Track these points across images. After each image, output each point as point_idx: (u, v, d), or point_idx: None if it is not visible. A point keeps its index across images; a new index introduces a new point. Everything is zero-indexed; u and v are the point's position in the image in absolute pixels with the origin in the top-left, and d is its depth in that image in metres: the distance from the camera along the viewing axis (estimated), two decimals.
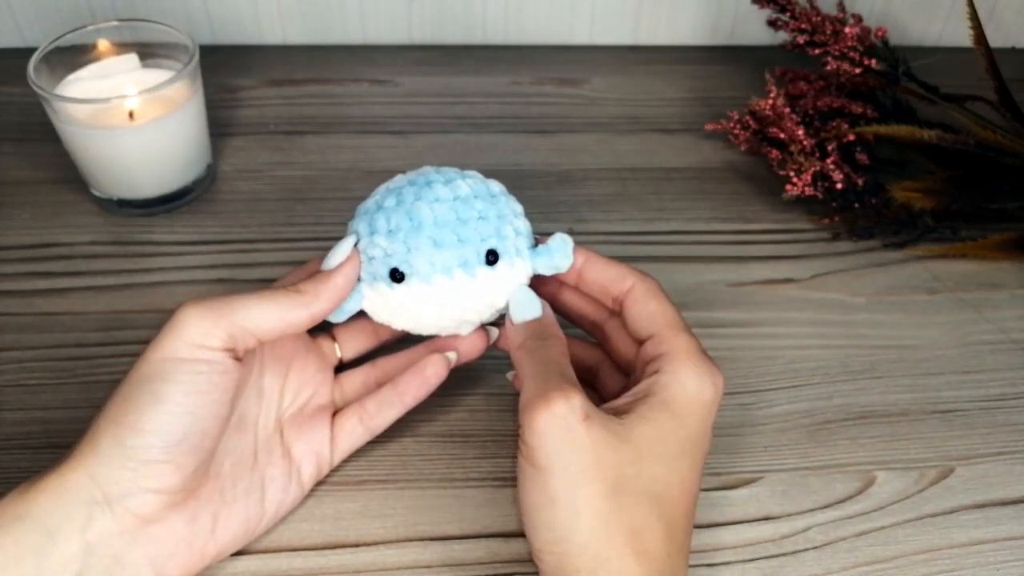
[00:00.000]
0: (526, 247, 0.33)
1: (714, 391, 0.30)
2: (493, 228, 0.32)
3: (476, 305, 0.32)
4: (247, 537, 0.32)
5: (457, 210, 0.32)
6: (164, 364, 0.28)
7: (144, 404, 0.28)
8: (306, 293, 0.31)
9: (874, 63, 0.49)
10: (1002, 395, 0.40)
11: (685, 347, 0.31)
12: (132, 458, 0.27)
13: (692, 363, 0.30)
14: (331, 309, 0.31)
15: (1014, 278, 0.46)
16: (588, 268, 0.34)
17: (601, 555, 0.27)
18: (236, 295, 0.30)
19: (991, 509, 0.35)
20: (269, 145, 0.53)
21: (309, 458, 0.34)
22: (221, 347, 0.29)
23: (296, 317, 0.30)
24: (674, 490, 0.29)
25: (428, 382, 0.35)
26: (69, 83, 0.46)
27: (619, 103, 0.58)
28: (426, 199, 0.32)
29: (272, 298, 0.30)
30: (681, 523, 0.29)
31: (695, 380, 0.30)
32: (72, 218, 0.47)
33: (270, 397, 0.34)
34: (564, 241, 0.34)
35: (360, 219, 0.33)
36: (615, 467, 0.28)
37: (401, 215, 0.32)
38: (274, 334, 0.30)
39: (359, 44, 0.63)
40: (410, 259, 0.31)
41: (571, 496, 0.27)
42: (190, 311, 0.29)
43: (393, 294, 0.32)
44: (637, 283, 0.33)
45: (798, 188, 0.47)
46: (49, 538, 0.27)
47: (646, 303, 0.32)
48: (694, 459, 0.30)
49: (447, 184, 0.32)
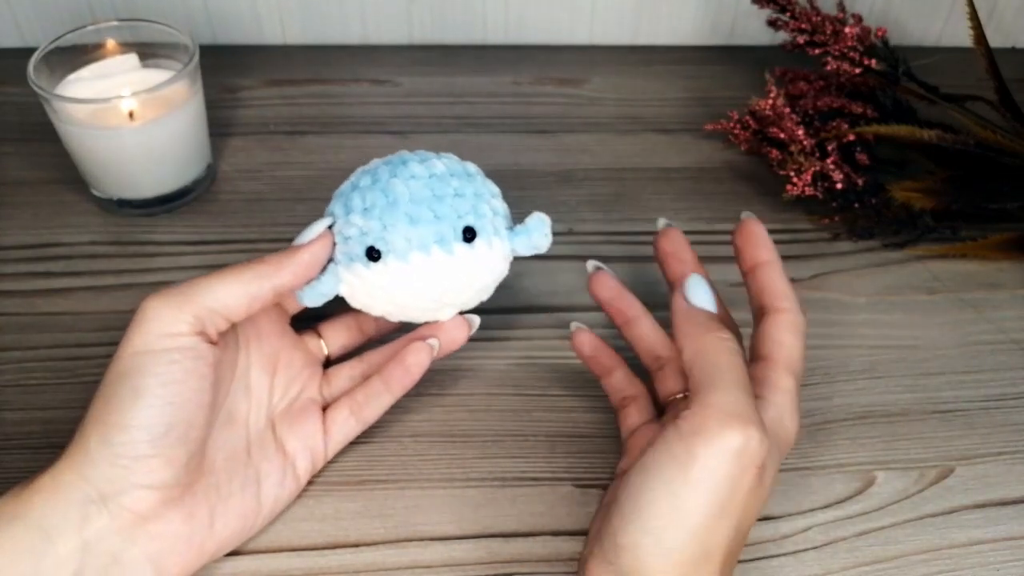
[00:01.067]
0: (504, 227, 0.33)
1: (779, 453, 0.29)
2: (470, 205, 0.32)
3: (454, 285, 0.32)
4: (245, 533, 0.32)
5: (432, 187, 0.32)
6: (137, 358, 0.28)
7: (124, 401, 0.28)
8: (268, 263, 0.30)
9: (874, 63, 0.49)
10: (1002, 395, 0.40)
11: (790, 388, 0.30)
12: (122, 455, 0.27)
13: (791, 406, 0.30)
14: (295, 284, 0.31)
15: (1014, 278, 0.46)
16: (766, 272, 0.32)
17: (687, 571, 0.27)
18: (199, 277, 0.30)
19: (991, 509, 0.35)
20: (269, 145, 0.53)
21: (303, 452, 0.34)
22: (190, 332, 0.29)
23: (259, 289, 0.30)
24: (744, 522, 0.28)
25: (410, 371, 0.34)
26: (69, 83, 0.46)
27: (619, 103, 0.58)
28: (401, 176, 0.32)
29: (234, 274, 0.30)
30: (737, 550, 0.29)
31: (792, 425, 0.30)
32: (72, 218, 0.47)
33: (259, 393, 0.34)
34: (542, 220, 0.33)
35: (336, 201, 0.33)
36: (746, 517, 0.28)
37: (376, 193, 0.31)
38: (240, 310, 0.30)
39: (359, 44, 0.63)
40: (386, 236, 0.31)
41: (704, 519, 0.26)
42: (154, 301, 0.29)
43: (370, 274, 0.31)
44: (791, 314, 0.31)
45: (798, 188, 0.47)
46: (46, 538, 0.27)
47: (782, 333, 0.31)
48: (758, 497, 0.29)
49: (422, 163, 0.32)
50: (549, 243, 0.34)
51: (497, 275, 0.34)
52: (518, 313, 0.43)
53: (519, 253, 0.34)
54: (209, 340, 0.30)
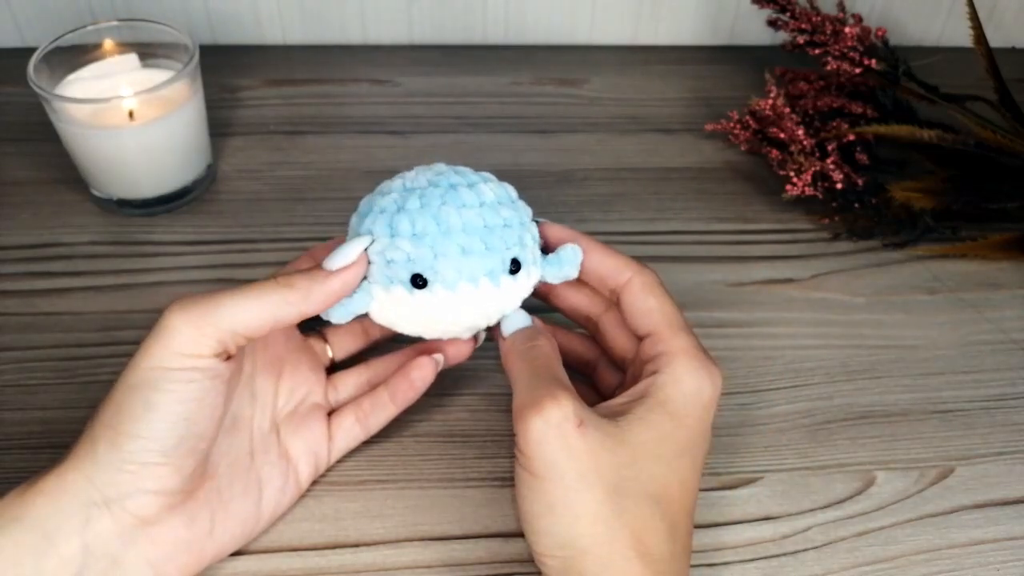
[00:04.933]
0: (539, 254, 0.33)
1: (712, 391, 0.30)
2: (517, 236, 0.32)
3: (489, 312, 0.32)
4: (245, 538, 0.32)
5: (485, 217, 0.31)
6: (154, 373, 0.28)
7: (137, 412, 0.27)
8: (297, 290, 0.29)
9: (874, 63, 0.49)
10: (1002, 395, 0.40)
11: (683, 346, 0.31)
12: (130, 461, 0.27)
13: (690, 364, 0.30)
14: (321, 311, 0.30)
15: (1014, 278, 0.46)
16: (587, 257, 0.33)
17: (605, 559, 0.27)
18: (223, 292, 0.28)
19: (991, 509, 0.35)
20: (269, 145, 0.53)
21: (306, 457, 0.34)
22: (210, 353, 0.28)
23: (285, 314, 0.29)
24: (674, 490, 0.29)
25: (415, 385, 0.35)
26: (69, 83, 0.46)
27: (619, 103, 0.58)
28: (453, 204, 0.31)
29: (260, 295, 0.29)
30: (683, 523, 0.29)
31: (693, 381, 0.30)
32: (72, 218, 0.47)
33: (264, 398, 0.34)
34: (575, 252, 0.33)
35: (376, 218, 0.31)
36: (613, 470, 0.28)
37: (428, 219, 0.30)
38: (263, 332, 0.29)
39: (359, 44, 0.63)
40: (436, 265, 0.30)
41: (570, 502, 0.27)
42: (177, 317, 0.28)
43: (411, 299, 0.31)
44: (635, 276, 0.32)
45: (798, 188, 0.47)
46: (48, 539, 0.27)
47: (644, 298, 0.32)
48: (694, 459, 0.30)
49: (471, 188, 0.32)
50: (577, 274, 0.34)
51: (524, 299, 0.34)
52: None
53: (547, 280, 0.34)
54: (227, 357, 0.29)
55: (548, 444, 0.27)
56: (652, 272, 0.33)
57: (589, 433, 0.28)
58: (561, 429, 0.27)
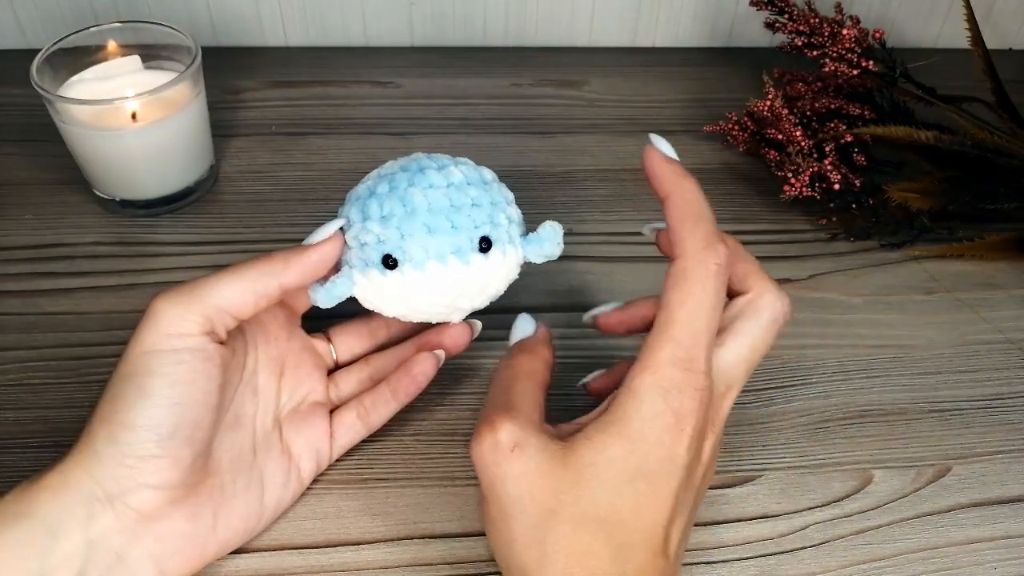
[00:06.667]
0: (518, 235, 0.34)
1: (674, 419, 0.27)
2: (487, 215, 0.32)
3: (468, 292, 0.33)
4: (248, 534, 0.32)
5: (451, 197, 0.32)
6: (145, 358, 0.28)
7: (131, 400, 0.28)
8: (276, 261, 0.30)
9: (872, 64, 0.49)
10: (999, 394, 0.40)
11: (654, 364, 0.27)
12: (128, 455, 0.28)
13: (657, 386, 0.27)
14: (302, 282, 0.31)
15: (1011, 278, 0.46)
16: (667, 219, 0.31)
17: None
18: (206, 277, 0.30)
19: (988, 508, 0.36)
20: (271, 146, 0.54)
21: (308, 454, 0.34)
22: (199, 332, 0.29)
23: (265, 286, 0.30)
24: (624, 514, 0.27)
25: (416, 380, 0.35)
26: (72, 84, 0.46)
27: (618, 104, 0.59)
28: (420, 185, 0.32)
29: (240, 271, 0.30)
30: (637, 547, 0.27)
31: (652, 405, 0.27)
32: (75, 218, 0.48)
33: (266, 395, 0.34)
34: (554, 229, 0.34)
35: (351, 205, 0.33)
36: (551, 494, 0.27)
37: (395, 201, 0.32)
38: (247, 307, 0.30)
39: (361, 46, 0.63)
40: (404, 245, 0.31)
41: (505, 526, 0.27)
42: (162, 302, 0.29)
43: (385, 280, 0.32)
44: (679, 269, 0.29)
45: (796, 189, 0.47)
46: (51, 535, 0.27)
47: (663, 292, 0.29)
48: (653, 486, 0.27)
49: (440, 170, 0.33)
50: (560, 252, 0.34)
51: (509, 280, 0.34)
52: (518, 313, 0.43)
53: (531, 260, 0.34)
54: (217, 340, 0.30)
55: (485, 469, 0.28)
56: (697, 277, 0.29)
57: (524, 457, 0.27)
58: (494, 456, 0.28)
